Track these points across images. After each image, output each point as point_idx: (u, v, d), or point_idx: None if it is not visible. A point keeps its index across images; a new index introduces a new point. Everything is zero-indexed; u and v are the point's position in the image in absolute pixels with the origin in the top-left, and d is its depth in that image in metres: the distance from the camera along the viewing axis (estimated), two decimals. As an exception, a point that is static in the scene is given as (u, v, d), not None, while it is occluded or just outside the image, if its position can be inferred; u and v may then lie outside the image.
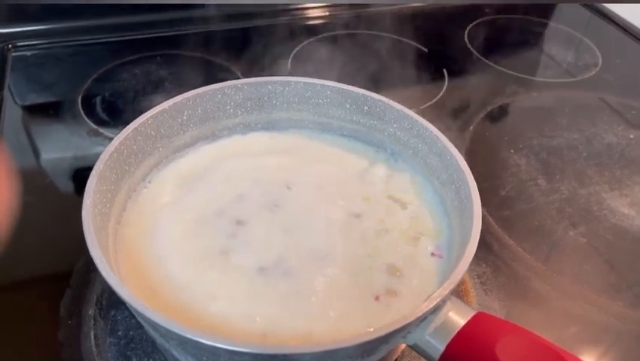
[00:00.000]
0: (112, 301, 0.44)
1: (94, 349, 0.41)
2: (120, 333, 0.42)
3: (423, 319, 0.31)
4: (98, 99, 0.66)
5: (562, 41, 0.87)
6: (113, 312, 0.43)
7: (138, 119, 0.41)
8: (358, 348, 0.29)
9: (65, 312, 0.43)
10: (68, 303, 0.44)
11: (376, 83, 0.63)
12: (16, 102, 0.66)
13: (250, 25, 0.79)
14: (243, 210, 0.41)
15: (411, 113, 0.44)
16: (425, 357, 0.32)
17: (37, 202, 0.53)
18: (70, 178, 0.57)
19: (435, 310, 0.31)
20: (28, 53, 0.73)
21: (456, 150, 0.40)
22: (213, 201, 0.42)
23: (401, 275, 0.38)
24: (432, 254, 0.39)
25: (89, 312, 0.43)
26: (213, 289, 0.36)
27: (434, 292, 0.31)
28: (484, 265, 0.49)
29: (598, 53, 0.83)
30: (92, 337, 0.41)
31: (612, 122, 0.69)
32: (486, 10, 0.91)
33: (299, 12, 0.85)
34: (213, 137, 0.47)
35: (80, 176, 0.56)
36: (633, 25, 0.89)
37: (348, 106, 0.47)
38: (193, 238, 0.39)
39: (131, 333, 0.42)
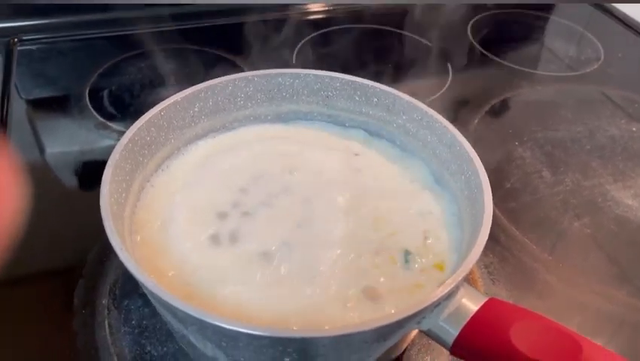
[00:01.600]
0: (125, 291, 0.44)
1: (109, 338, 0.41)
2: (133, 322, 0.42)
3: (437, 305, 0.32)
4: (105, 93, 0.66)
5: (565, 35, 0.88)
6: (126, 302, 0.44)
7: (150, 110, 0.41)
8: (375, 333, 0.29)
9: (79, 302, 0.43)
10: (82, 293, 0.44)
11: (380, 78, 0.63)
12: (21, 97, 0.66)
13: (255, 19, 0.79)
14: (252, 196, 0.42)
15: (421, 104, 0.44)
16: (439, 342, 0.33)
17: (46, 196, 0.54)
18: (79, 171, 0.57)
19: (449, 296, 0.32)
20: (34, 47, 0.73)
21: (466, 141, 0.41)
22: (222, 188, 0.43)
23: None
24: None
25: (103, 302, 0.44)
26: (223, 274, 0.36)
27: (446, 280, 0.31)
28: (491, 256, 0.50)
29: (601, 47, 0.84)
30: (107, 326, 0.42)
31: (615, 115, 0.70)
32: (489, 5, 0.92)
33: (303, 6, 0.86)
34: (224, 128, 0.47)
35: (90, 169, 0.57)
36: (635, 20, 0.90)
37: (357, 98, 0.47)
38: (202, 224, 0.40)
39: (144, 322, 0.42)
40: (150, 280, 0.29)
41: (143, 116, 0.41)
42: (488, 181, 0.37)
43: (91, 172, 0.56)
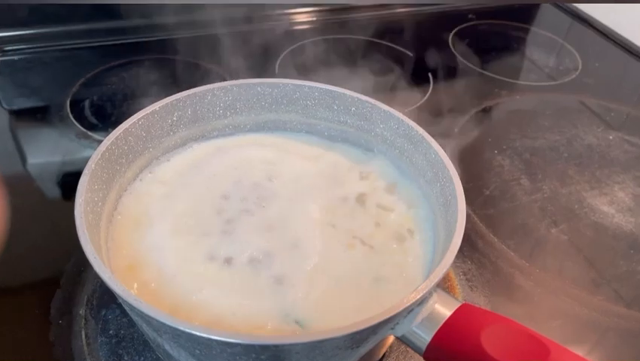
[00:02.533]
0: (103, 301, 0.44)
1: (85, 348, 0.41)
2: (111, 332, 0.42)
3: (410, 310, 0.32)
4: (86, 103, 0.66)
5: (544, 46, 0.90)
6: (104, 311, 0.43)
7: (129, 119, 0.42)
8: (347, 338, 0.29)
9: (55, 312, 0.43)
10: (59, 303, 0.44)
11: (362, 87, 0.64)
12: (3, 107, 0.66)
13: (238, 30, 0.80)
14: (230, 205, 0.42)
15: (397, 113, 0.45)
16: (412, 348, 0.33)
17: (26, 206, 0.54)
18: (59, 181, 0.57)
19: (422, 302, 0.32)
20: (16, 58, 0.73)
21: (441, 149, 0.41)
22: (202, 198, 0.43)
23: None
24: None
25: (80, 312, 0.43)
26: (202, 282, 0.37)
27: (419, 285, 0.32)
28: (469, 262, 0.50)
29: (579, 57, 0.85)
30: (83, 336, 0.42)
31: (592, 123, 0.71)
32: (470, 15, 0.93)
33: (286, 17, 0.87)
34: (203, 137, 0.48)
35: (70, 179, 0.57)
36: (612, 30, 0.92)
37: (335, 107, 0.48)
38: (182, 234, 0.40)
39: (122, 332, 0.42)
40: (123, 288, 0.30)
41: (121, 125, 0.41)
42: (462, 189, 0.38)
43: (72, 182, 0.56)
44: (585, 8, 0.96)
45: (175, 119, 0.45)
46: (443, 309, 0.33)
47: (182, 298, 0.35)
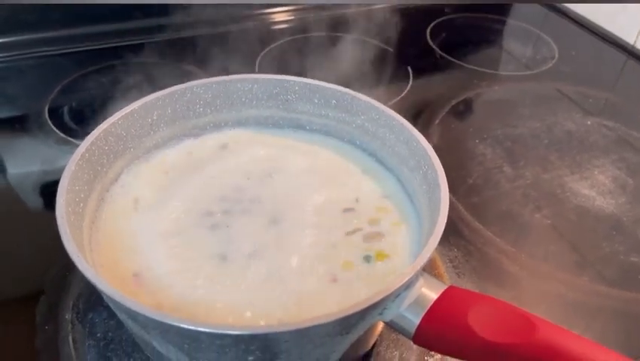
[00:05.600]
0: (89, 304, 0.43)
1: (73, 353, 0.40)
2: (98, 335, 0.42)
3: (397, 295, 0.32)
4: (65, 109, 0.65)
5: (520, 37, 0.91)
6: (90, 315, 0.43)
7: (108, 119, 0.41)
8: (336, 325, 0.29)
9: (41, 319, 0.43)
10: (44, 309, 0.43)
11: (342, 83, 0.64)
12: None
13: (216, 31, 0.80)
14: (222, 204, 0.42)
15: (377, 103, 0.45)
16: (401, 333, 0.33)
17: (6, 215, 0.53)
18: (40, 189, 0.57)
19: (408, 286, 0.32)
20: (-9, 67, 0.72)
21: (422, 136, 0.41)
22: (191, 196, 0.43)
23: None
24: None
25: (66, 317, 0.43)
26: (195, 281, 0.36)
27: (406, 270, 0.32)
28: (456, 250, 0.51)
29: (555, 47, 0.86)
30: (71, 341, 0.41)
31: (570, 110, 0.72)
32: (446, 9, 0.94)
33: (264, 16, 0.87)
34: (184, 136, 0.47)
35: (51, 186, 0.56)
36: (587, 19, 0.93)
37: (316, 100, 0.48)
38: (172, 234, 0.40)
39: (110, 334, 0.42)
40: (107, 285, 0.29)
41: (100, 125, 0.41)
42: (444, 174, 0.38)
43: (53, 189, 0.55)
44: (559, -1, 0.98)
45: (154, 118, 0.44)
46: (430, 292, 0.33)
47: (171, 296, 0.35)
